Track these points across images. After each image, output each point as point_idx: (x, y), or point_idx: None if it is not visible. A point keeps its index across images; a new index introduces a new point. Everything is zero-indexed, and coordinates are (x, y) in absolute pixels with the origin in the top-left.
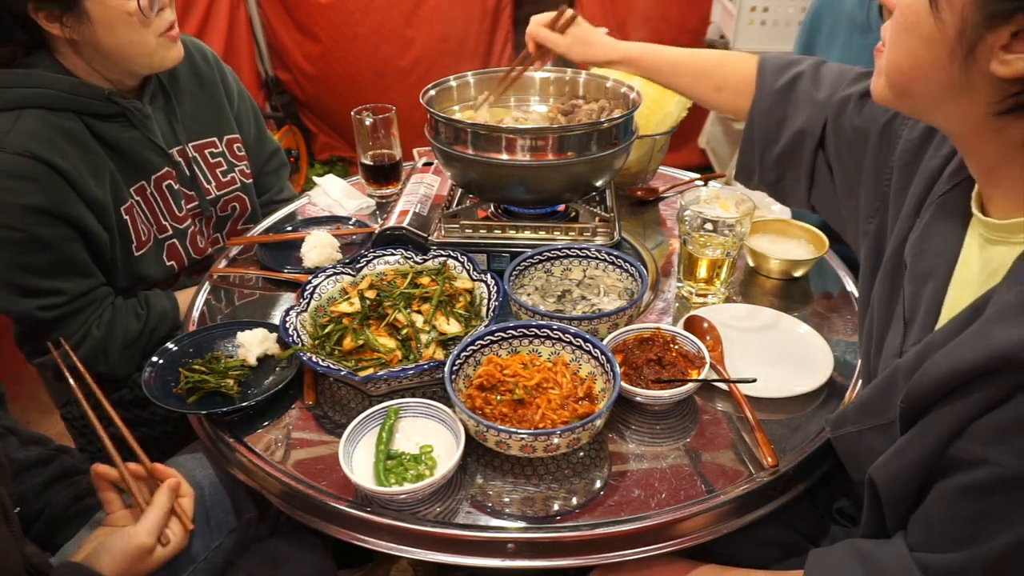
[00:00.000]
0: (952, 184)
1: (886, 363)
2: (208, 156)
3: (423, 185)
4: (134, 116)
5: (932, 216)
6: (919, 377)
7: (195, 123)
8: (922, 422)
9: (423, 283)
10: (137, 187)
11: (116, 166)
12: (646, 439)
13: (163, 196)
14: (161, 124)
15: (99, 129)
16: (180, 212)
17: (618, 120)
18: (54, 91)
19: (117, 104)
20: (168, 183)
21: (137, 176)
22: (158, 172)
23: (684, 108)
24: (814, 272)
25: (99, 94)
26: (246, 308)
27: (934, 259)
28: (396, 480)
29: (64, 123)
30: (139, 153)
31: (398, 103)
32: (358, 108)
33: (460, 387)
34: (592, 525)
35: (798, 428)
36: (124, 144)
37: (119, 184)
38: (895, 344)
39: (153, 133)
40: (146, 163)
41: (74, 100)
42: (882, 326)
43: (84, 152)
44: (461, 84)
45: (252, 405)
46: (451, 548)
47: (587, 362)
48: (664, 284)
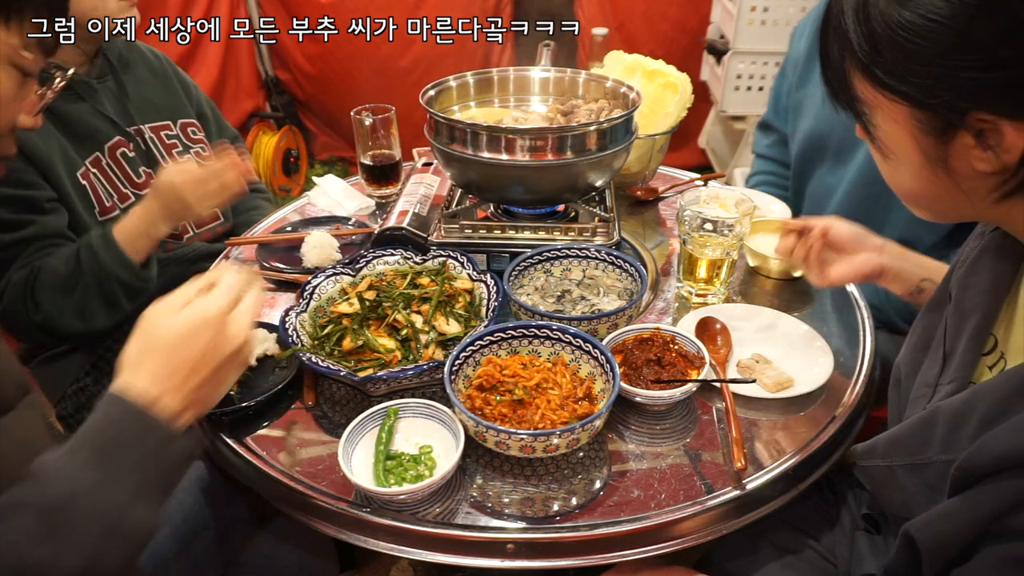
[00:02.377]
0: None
1: (919, 391)
2: (164, 137)
3: (423, 185)
4: (80, 88)
5: (980, 251)
6: (978, 450)
7: (148, 106)
8: (976, 490)
9: (423, 283)
10: (92, 158)
11: (66, 135)
12: (646, 439)
13: (119, 164)
14: (112, 102)
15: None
16: (139, 179)
17: (618, 120)
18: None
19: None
20: (122, 151)
21: (89, 146)
22: (110, 141)
23: (684, 108)
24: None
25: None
26: None
27: (978, 296)
28: (396, 480)
29: None
30: (88, 123)
31: (398, 103)
32: (358, 108)
33: (459, 387)
34: (592, 525)
35: (798, 428)
36: (72, 114)
37: (69, 152)
38: (931, 374)
39: (102, 105)
40: (96, 133)
41: None
42: (918, 353)
43: None
44: (461, 84)
45: (252, 405)
46: (451, 548)
47: (587, 362)
48: (664, 284)
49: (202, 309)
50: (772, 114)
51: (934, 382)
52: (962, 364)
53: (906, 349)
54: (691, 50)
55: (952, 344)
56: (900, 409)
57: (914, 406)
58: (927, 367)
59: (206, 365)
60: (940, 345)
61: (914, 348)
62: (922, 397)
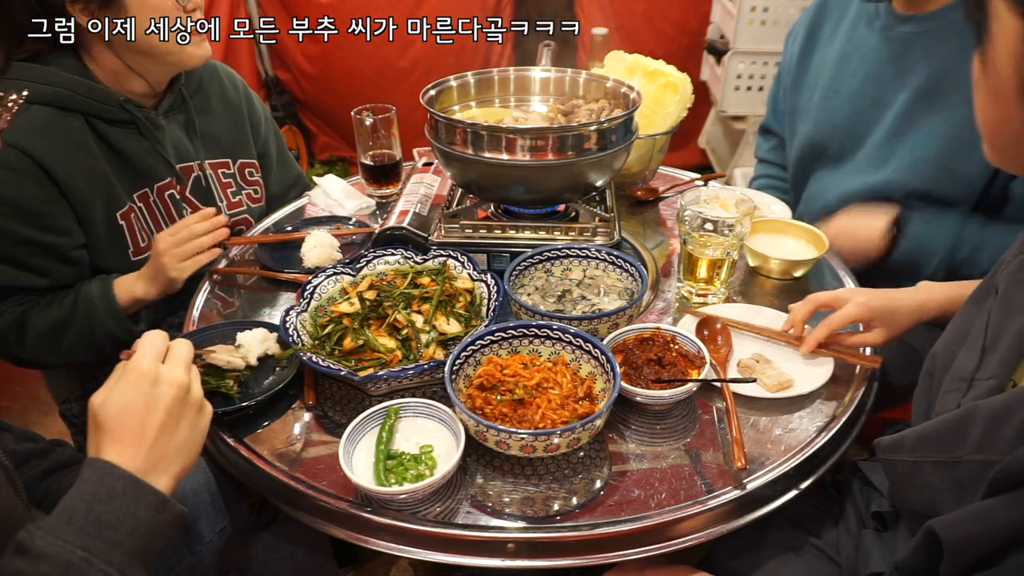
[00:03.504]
0: None
1: (952, 384)
2: (221, 175)
3: (423, 185)
4: (143, 126)
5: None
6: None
7: (214, 142)
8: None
9: (423, 283)
10: (140, 194)
11: (116, 171)
12: (646, 439)
13: (165, 205)
14: (177, 136)
15: (105, 132)
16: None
17: (618, 120)
18: (67, 91)
19: (128, 112)
20: (171, 192)
21: (140, 183)
22: (161, 181)
23: (684, 108)
24: (814, 272)
25: (112, 99)
26: (246, 308)
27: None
28: (396, 480)
29: (69, 122)
30: (144, 162)
31: (398, 103)
32: (358, 108)
33: (460, 387)
34: (592, 525)
35: (798, 428)
36: (129, 151)
37: (116, 189)
38: (966, 368)
39: (162, 145)
40: (150, 171)
41: (85, 102)
42: (954, 345)
43: (81, 153)
44: (461, 84)
45: (252, 405)
46: (451, 548)
47: (587, 362)
48: (664, 284)
49: (130, 369)
50: (771, 118)
51: (969, 376)
52: (1003, 362)
53: (943, 340)
54: (691, 50)
55: (994, 339)
56: (929, 401)
57: (945, 400)
58: (962, 360)
59: (153, 417)
60: (980, 339)
61: (951, 340)
62: (955, 391)
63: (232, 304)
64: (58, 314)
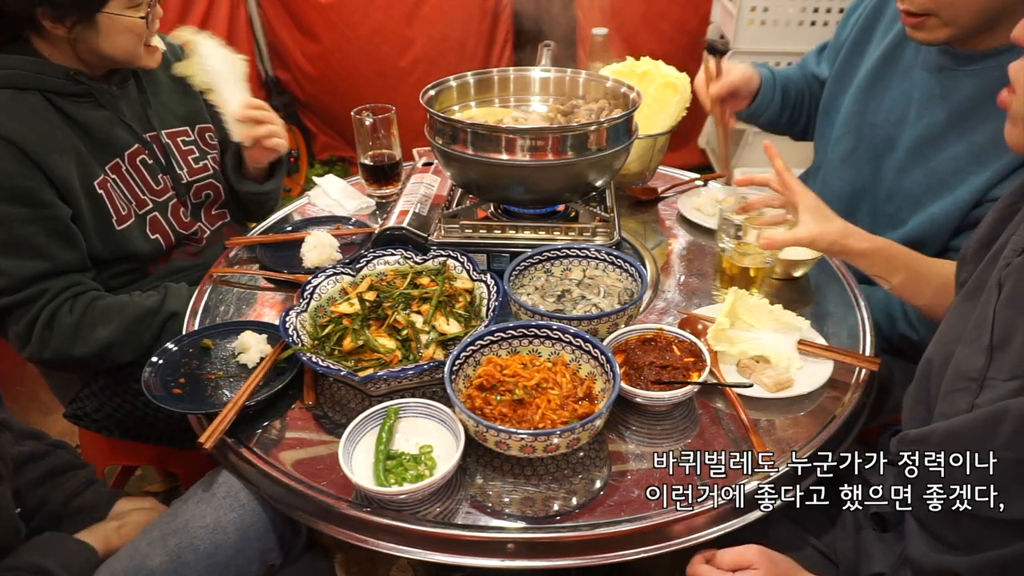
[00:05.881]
0: None
1: (956, 383)
2: (180, 144)
3: (423, 185)
4: (101, 96)
5: None
6: None
7: (167, 112)
8: None
9: (423, 283)
10: (111, 164)
11: (84, 144)
12: (646, 439)
13: (138, 171)
14: (133, 109)
15: (65, 107)
16: (158, 186)
17: (618, 120)
18: (21, 71)
19: (83, 84)
20: (142, 158)
21: (109, 153)
22: (130, 148)
23: (684, 108)
24: (814, 272)
25: (64, 72)
26: (246, 308)
27: None
28: (396, 480)
29: (28, 99)
30: (107, 131)
31: (398, 103)
32: (358, 108)
33: (460, 387)
34: (592, 525)
35: (799, 429)
36: (92, 122)
37: (87, 160)
38: (971, 367)
39: (122, 113)
40: (116, 140)
41: (39, 79)
42: (949, 344)
43: (49, 127)
44: (461, 84)
45: (252, 405)
46: (451, 548)
47: (587, 362)
48: (664, 284)
49: None
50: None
51: (979, 376)
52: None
53: (937, 342)
54: (691, 50)
55: (1003, 338)
56: (928, 403)
57: (951, 400)
58: (964, 359)
59: None
60: (983, 337)
61: (946, 339)
62: (963, 391)
63: (232, 304)
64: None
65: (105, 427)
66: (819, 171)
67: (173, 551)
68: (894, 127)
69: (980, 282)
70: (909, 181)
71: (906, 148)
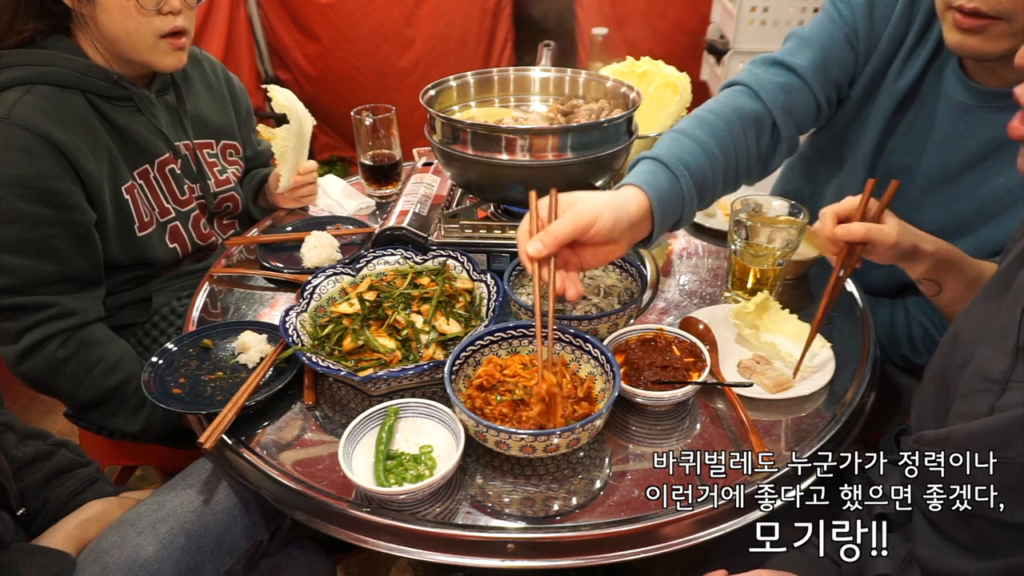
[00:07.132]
0: None
1: (976, 384)
2: (206, 155)
3: (423, 185)
4: (140, 102)
5: None
6: None
7: (200, 123)
8: None
9: (423, 283)
10: (141, 170)
11: (118, 147)
12: (646, 439)
13: (166, 179)
14: (167, 117)
15: (104, 110)
16: (183, 196)
17: (618, 120)
18: (66, 69)
19: (124, 88)
20: (171, 167)
21: (140, 159)
22: (161, 156)
23: (684, 108)
24: (814, 272)
25: (108, 76)
26: (246, 308)
27: None
28: (396, 480)
29: (69, 98)
30: (143, 137)
31: (398, 103)
32: (358, 108)
33: (460, 387)
34: (592, 525)
35: (799, 429)
36: (129, 127)
37: (119, 164)
38: (994, 368)
39: (158, 120)
40: (149, 147)
41: (83, 79)
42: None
43: (85, 129)
44: (461, 84)
45: (252, 405)
46: (451, 548)
47: (587, 362)
48: (664, 284)
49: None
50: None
51: (1002, 378)
52: None
53: (952, 341)
54: (691, 50)
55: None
56: (944, 403)
57: (971, 400)
58: (986, 360)
59: None
60: (1009, 338)
61: (964, 339)
62: (984, 392)
63: (232, 304)
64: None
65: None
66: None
67: (165, 538)
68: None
69: (1005, 282)
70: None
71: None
